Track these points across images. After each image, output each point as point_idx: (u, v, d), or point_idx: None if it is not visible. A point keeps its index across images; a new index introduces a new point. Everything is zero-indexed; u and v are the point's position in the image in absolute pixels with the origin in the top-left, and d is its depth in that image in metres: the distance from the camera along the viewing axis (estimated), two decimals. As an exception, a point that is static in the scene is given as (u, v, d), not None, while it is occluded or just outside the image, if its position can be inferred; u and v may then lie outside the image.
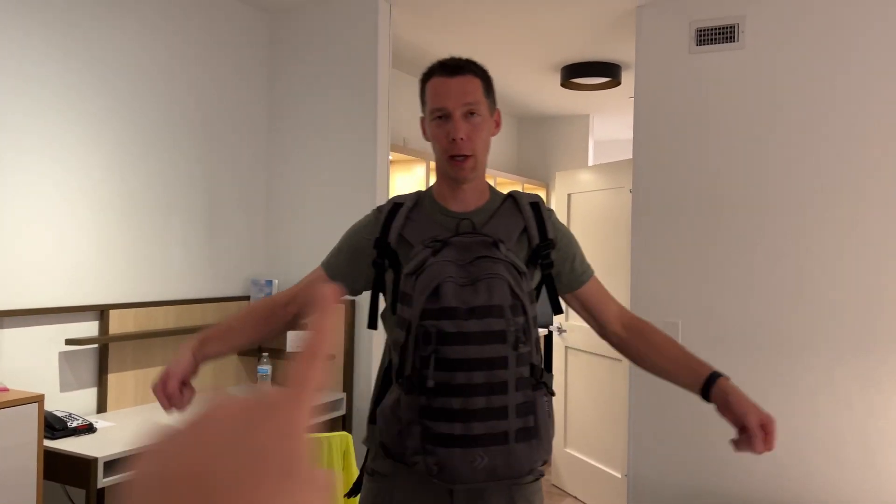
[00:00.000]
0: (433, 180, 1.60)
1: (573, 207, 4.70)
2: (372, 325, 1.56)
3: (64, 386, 2.84)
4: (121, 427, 2.74)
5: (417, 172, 4.48)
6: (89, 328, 2.93)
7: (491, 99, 1.52)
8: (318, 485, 0.33)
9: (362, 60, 3.56)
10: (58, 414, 2.62)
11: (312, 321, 0.39)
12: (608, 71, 4.59)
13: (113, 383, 3.00)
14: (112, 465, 2.44)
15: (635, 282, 3.50)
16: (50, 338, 2.79)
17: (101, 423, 2.74)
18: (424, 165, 4.44)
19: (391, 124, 3.84)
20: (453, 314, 1.31)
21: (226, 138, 3.57)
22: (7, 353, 2.64)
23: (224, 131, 3.55)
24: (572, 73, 4.66)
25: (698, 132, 3.38)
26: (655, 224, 3.46)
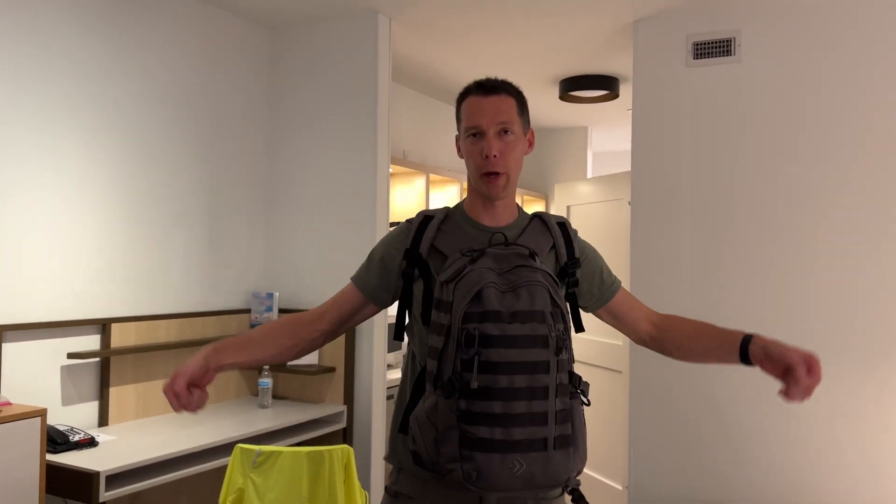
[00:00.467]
0: (433, 193, 1.62)
1: (572, 219, 4.72)
2: (398, 337, 1.56)
3: (66, 399, 2.85)
4: (122, 441, 2.74)
5: (417, 185, 4.50)
6: (91, 342, 2.94)
7: (525, 118, 1.55)
8: None
9: (362, 74, 3.59)
10: (60, 428, 2.62)
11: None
12: (606, 84, 4.63)
13: (114, 397, 3.01)
14: (114, 480, 2.45)
15: (635, 293, 3.50)
16: (52, 351, 2.79)
17: (103, 437, 2.75)
18: (424, 178, 4.46)
19: (391, 137, 3.87)
20: (497, 318, 1.30)
21: (226, 152, 3.59)
22: (9, 367, 2.65)
23: (225, 145, 3.58)
24: (570, 86, 4.69)
25: (696, 144, 3.40)
26: (655, 236, 3.48)
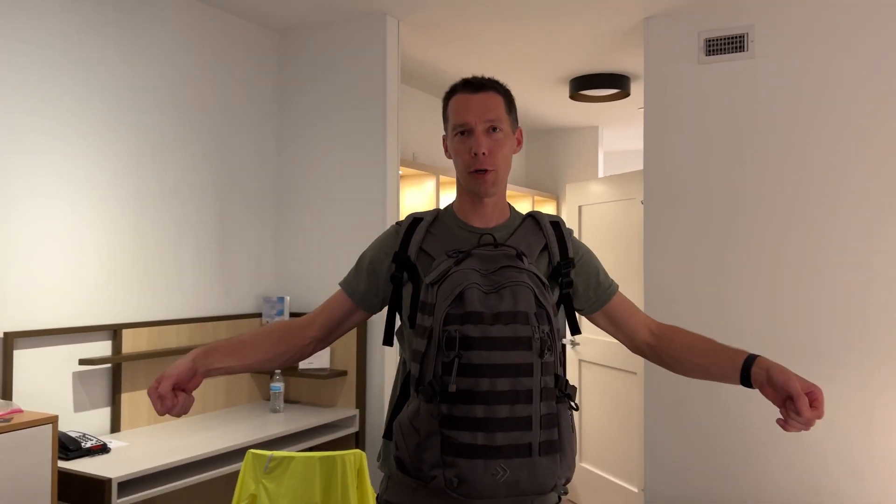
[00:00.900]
0: (443, 194, 1.59)
1: (584, 219, 4.68)
2: (387, 342, 1.55)
3: (78, 406, 2.84)
4: (135, 447, 2.74)
5: (427, 187, 4.48)
6: (102, 348, 2.94)
7: (513, 116, 1.53)
8: None
9: (371, 76, 3.58)
10: (72, 434, 2.62)
11: None
12: (616, 82, 4.59)
13: (126, 403, 3.00)
14: (126, 486, 2.44)
15: (648, 293, 3.47)
16: (63, 358, 2.79)
17: (115, 444, 2.74)
18: (434, 180, 4.44)
19: (400, 139, 3.85)
20: (478, 319, 1.28)
21: (237, 156, 3.58)
22: (21, 374, 2.65)
23: (235, 149, 3.57)
24: (581, 86, 4.65)
25: (709, 142, 3.36)
26: (668, 235, 3.44)
